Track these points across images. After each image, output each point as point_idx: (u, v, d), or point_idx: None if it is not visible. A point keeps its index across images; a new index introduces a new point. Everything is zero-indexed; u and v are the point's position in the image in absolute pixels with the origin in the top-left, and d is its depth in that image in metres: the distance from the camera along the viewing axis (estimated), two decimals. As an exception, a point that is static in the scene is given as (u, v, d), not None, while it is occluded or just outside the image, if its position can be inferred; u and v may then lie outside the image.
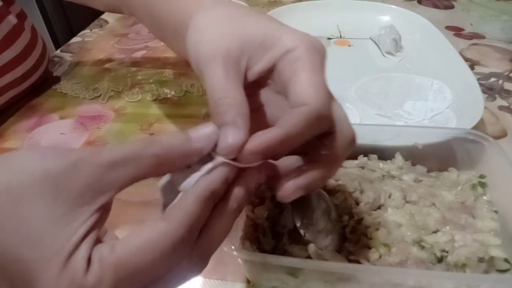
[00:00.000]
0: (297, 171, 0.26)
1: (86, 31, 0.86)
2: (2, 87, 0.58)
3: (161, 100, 0.62)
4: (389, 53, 0.69)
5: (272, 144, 0.23)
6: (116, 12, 0.52)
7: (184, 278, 0.23)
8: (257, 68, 0.28)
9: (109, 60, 0.74)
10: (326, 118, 0.26)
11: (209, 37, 0.28)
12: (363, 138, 0.42)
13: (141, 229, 0.22)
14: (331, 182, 0.39)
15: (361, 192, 0.38)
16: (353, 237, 0.35)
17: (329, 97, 0.26)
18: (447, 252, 0.33)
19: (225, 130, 0.24)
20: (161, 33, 0.42)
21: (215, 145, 0.24)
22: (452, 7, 0.90)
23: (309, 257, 0.33)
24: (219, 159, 0.24)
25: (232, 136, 0.23)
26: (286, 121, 0.24)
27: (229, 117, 0.24)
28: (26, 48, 0.60)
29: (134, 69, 0.71)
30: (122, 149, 0.22)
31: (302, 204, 0.35)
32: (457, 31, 0.79)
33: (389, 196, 0.37)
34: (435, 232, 0.34)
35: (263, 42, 0.28)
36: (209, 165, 0.23)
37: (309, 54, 0.27)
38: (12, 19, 0.58)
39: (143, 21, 0.45)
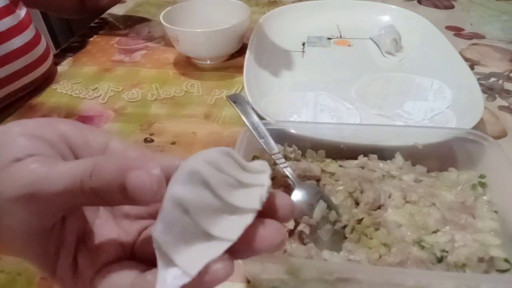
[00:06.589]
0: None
1: (86, 31, 0.86)
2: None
3: (161, 100, 0.62)
4: (389, 53, 0.69)
5: None
6: None
7: None
8: None
9: (109, 60, 0.74)
10: None
11: None
12: (363, 138, 0.43)
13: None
14: (331, 182, 0.39)
15: (361, 192, 0.38)
16: (353, 237, 0.35)
17: None
18: (447, 252, 0.33)
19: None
20: None
21: None
22: (452, 7, 0.90)
23: (309, 257, 0.33)
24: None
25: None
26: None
27: None
28: (25, 45, 0.60)
29: (134, 69, 0.71)
30: (61, 182, 0.20)
31: (302, 204, 0.35)
32: (457, 31, 0.79)
33: (389, 196, 0.37)
34: (435, 232, 0.34)
35: None
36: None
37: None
38: (14, 18, 0.59)
39: None
